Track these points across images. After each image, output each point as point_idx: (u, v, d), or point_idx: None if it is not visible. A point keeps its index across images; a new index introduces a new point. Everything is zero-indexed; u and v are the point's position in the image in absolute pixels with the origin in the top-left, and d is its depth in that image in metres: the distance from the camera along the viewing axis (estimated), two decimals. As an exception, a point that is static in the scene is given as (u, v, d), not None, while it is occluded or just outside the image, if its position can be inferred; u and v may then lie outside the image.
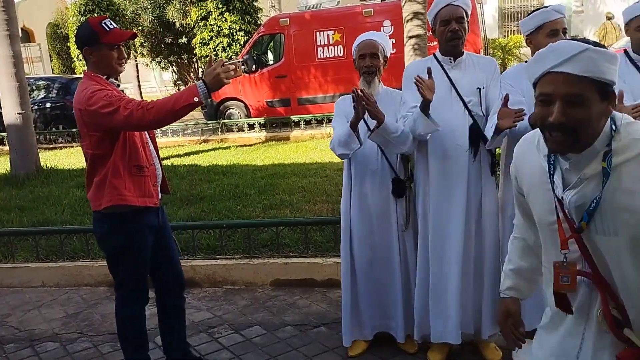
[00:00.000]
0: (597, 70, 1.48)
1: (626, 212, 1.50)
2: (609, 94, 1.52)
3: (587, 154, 1.54)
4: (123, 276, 3.09)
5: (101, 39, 2.83)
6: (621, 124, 1.54)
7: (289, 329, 3.84)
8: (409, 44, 7.04)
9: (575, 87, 1.48)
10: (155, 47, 19.41)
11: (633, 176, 1.49)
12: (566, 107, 1.49)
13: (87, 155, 2.94)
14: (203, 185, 7.45)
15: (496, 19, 20.05)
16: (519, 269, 2.00)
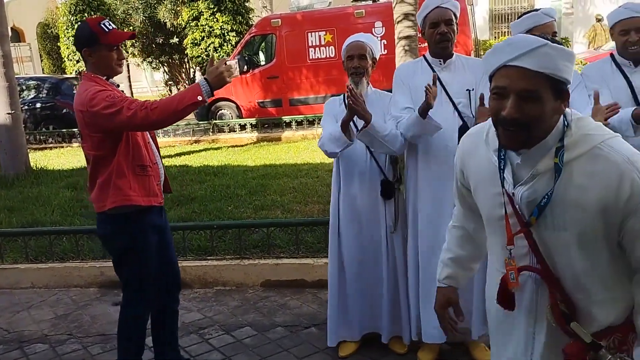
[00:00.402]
0: (553, 67, 1.47)
1: (576, 207, 1.51)
2: (563, 93, 1.51)
3: (539, 149, 1.54)
4: (127, 276, 3.07)
5: (100, 40, 2.82)
6: (572, 119, 1.55)
7: (279, 330, 3.84)
8: (400, 45, 7.05)
9: (530, 83, 1.47)
10: (147, 47, 19.32)
11: (584, 172, 1.49)
12: (520, 103, 1.48)
13: (89, 156, 2.91)
14: (194, 186, 7.44)
15: (487, 21, 20.13)
16: (458, 258, 2.00)
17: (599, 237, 1.52)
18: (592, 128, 1.54)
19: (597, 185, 1.47)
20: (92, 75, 2.88)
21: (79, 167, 9.35)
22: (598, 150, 1.49)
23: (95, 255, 5.00)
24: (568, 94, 1.52)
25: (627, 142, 1.53)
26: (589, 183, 1.48)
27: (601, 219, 1.49)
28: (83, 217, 6.23)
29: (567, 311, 1.60)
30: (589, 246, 1.54)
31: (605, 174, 1.46)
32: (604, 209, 1.47)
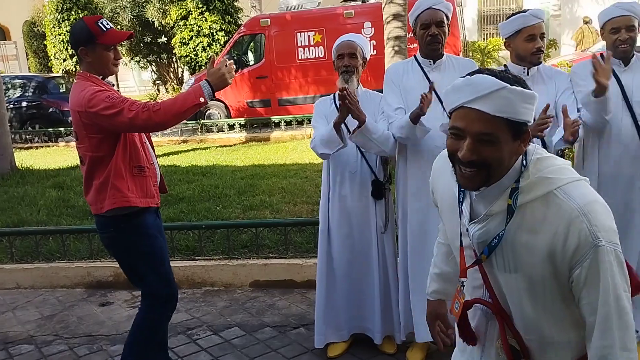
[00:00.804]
0: (511, 111, 1.43)
1: (527, 251, 1.48)
2: (523, 133, 1.47)
3: (495, 188, 1.51)
4: (148, 276, 2.98)
5: (98, 39, 2.78)
6: (531, 159, 1.51)
7: (268, 330, 3.83)
8: (389, 45, 7.07)
9: (487, 126, 1.43)
10: (134, 46, 19.24)
11: (537, 216, 1.47)
12: (477, 145, 1.44)
13: (85, 157, 2.85)
14: (182, 186, 7.40)
15: (475, 22, 20.22)
16: (443, 273, 2.00)
17: (548, 282, 1.49)
18: (552, 171, 1.49)
19: (547, 232, 1.45)
20: (88, 74, 2.84)
21: (65, 167, 9.28)
22: (553, 195, 1.46)
23: (82, 256, 4.96)
24: (528, 135, 1.49)
25: (588, 188, 1.50)
26: (540, 228, 1.46)
27: (550, 264, 1.46)
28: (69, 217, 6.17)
29: (517, 347, 1.60)
30: (540, 289, 1.51)
31: (556, 222, 1.43)
32: (552, 256, 1.45)
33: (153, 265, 2.99)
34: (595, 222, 1.41)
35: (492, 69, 1.51)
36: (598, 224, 1.41)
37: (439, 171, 1.78)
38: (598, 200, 1.47)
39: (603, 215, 1.44)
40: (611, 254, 1.42)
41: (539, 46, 2.96)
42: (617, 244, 1.45)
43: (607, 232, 1.43)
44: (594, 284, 1.43)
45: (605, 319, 1.43)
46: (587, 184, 1.51)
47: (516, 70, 3.06)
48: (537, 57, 2.99)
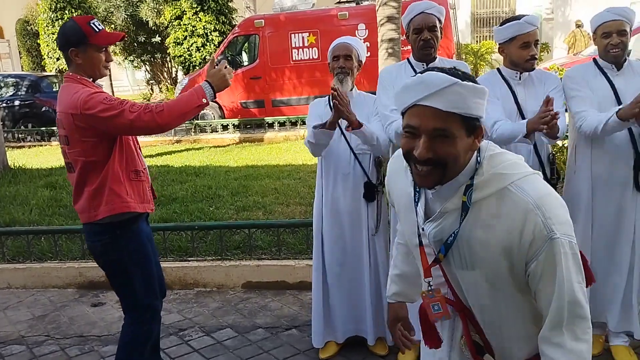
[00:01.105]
0: (464, 106, 1.44)
1: (482, 247, 1.50)
2: (476, 129, 1.49)
3: (450, 186, 1.52)
4: (137, 286, 2.87)
5: (90, 40, 2.70)
6: (485, 156, 1.52)
7: (260, 332, 3.83)
8: (383, 47, 7.07)
9: (441, 122, 1.44)
10: (128, 45, 19.19)
11: (491, 212, 1.48)
12: (432, 142, 1.45)
13: (77, 163, 2.72)
14: (175, 186, 7.39)
15: (469, 25, 20.28)
16: (404, 274, 1.99)
17: (505, 277, 1.51)
18: (505, 166, 1.51)
19: (502, 227, 1.46)
20: (78, 76, 2.74)
21: (58, 166, 9.23)
22: (507, 191, 1.47)
23: (74, 256, 4.95)
24: (481, 130, 1.50)
25: (541, 182, 1.51)
26: (495, 224, 1.47)
27: (506, 259, 1.48)
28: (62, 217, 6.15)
29: (481, 343, 1.61)
30: (497, 285, 1.53)
31: (511, 216, 1.45)
32: (508, 251, 1.47)
33: (143, 274, 2.89)
34: (550, 215, 1.43)
35: (443, 67, 1.51)
36: (552, 217, 1.44)
37: (394, 172, 1.78)
38: (551, 193, 1.49)
39: (557, 208, 1.46)
40: (566, 246, 1.44)
41: (533, 54, 2.99)
42: (572, 236, 1.47)
43: (562, 225, 1.45)
44: (549, 277, 1.45)
45: (560, 311, 1.46)
46: (539, 178, 1.53)
47: (509, 74, 3.09)
48: (530, 64, 3.01)
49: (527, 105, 3.04)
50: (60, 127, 2.74)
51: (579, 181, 3.14)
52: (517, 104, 3.04)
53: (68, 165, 2.79)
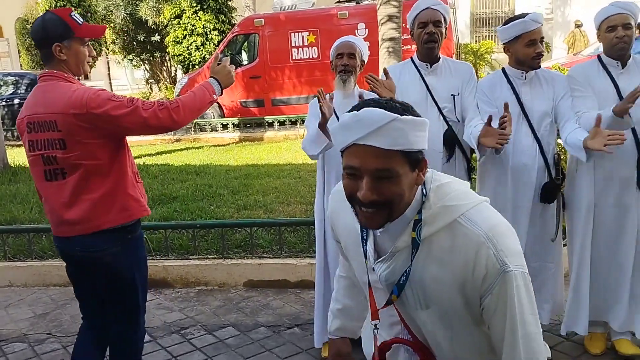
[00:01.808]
0: (405, 142, 1.36)
1: (437, 283, 1.44)
2: (420, 162, 1.42)
3: (398, 223, 1.45)
4: (140, 298, 2.75)
5: (75, 34, 2.50)
6: (430, 187, 1.47)
7: (262, 330, 3.83)
8: (384, 46, 7.10)
9: (383, 162, 1.36)
10: (127, 44, 19.15)
11: (444, 247, 1.42)
12: (375, 183, 1.38)
13: (75, 168, 2.47)
14: (176, 185, 7.39)
15: (468, 25, 20.30)
16: (345, 308, 1.93)
17: (461, 313, 1.47)
18: (452, 197, 1.44)
19: (455, 261, 1.41)
20: (65, 74, 2.52)
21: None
22: (457, 224, 1.42)
23: (75, 254, 4.94)
24: (425, 163, 1.44)
25: (490, 210, 1.46)
26: (449, 259, 1.42)
27: (460, 295, 1.43)
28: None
29: None
30: (454, 321, 1.49)
31: (464, 250, 1.40)
32: (462, 286, 1.42)
33: (144, 280, 2.77)
34: (502, 247, 1.39)
35: (378, 99, 1.43)
36: (504, 249, 1.39)
37: (338, 209, 1.68)
38: (501, 222, 1.44)
39: (508, 237, 1.42)
40: (519, 278, 1.40)
41: (539, 51, 3.00)
42: (524, 266, 1.43)
43: (514, 256, 1.41)
44: (502, 311, 1.41)
45: (513, 346, 1.42)
46: (488, 206, 1.47)
47: (514, 73, 3.09)
48: (537, 61, 3.02)
49: (533, 105, 3.04)
50: (44, 130, 2.46)
51: (581, 181, 3.14)
52: (520, 105, 3.04)
53: (57, 172, 2.49)
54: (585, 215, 3.11)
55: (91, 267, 2.63)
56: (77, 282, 2.79)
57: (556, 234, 3.15)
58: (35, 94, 2.54)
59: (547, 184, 3.08)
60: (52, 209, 2.57)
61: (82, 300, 2.86)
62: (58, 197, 2.51)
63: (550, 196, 3.09)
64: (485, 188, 3.21)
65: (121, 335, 2.80)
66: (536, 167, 3.07)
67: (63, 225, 2.55)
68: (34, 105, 2.51)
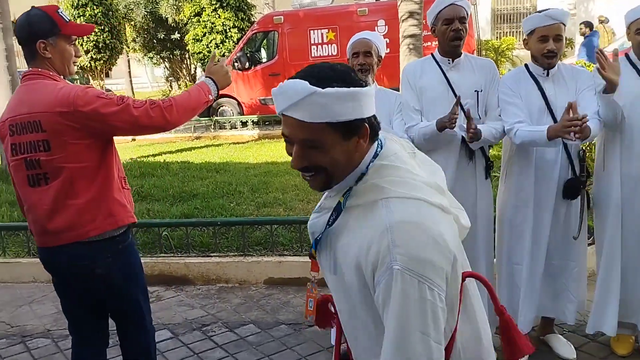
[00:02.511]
0: (328, 114, 1.34)
1: (343, 254, 1.43)
2: (357, 129, 1.38)
3: (339, 186, 1.46)
4: (142, 304, 2.65)
5: (62, 31, 2.38)
6: (374, 164, 1.43)
7: (283, 328, 3.83)
8: (405, 43, 7.05)
9: (308, 133, 1.36)
10: (148, 42, 19.30)
11: (358, 222, 1.40)
12: (304, 151, 1.39)
13: (59, 171, 2.32)
14: (196, 183, 7.42)
15: (489, 21, 20.11)
16: None
17: (359, 292, 1.41)
18: (389, 181, 1.40)
19: (361, 239, 1.37)
20: (50, 72, 2.40)
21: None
22: (376, 205, 1.38)
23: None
24: (365, 129, 1.39)
25: (419, 209, 1.36)
26: (358, 234, 1.39)
27: (357, 274, 1.39)
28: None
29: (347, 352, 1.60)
30: (351, 296, 1.45)
31: (370, 232, 1.35)
32: (358, 265, 1.37)
33: (144, 288, 2.67)
34: (400, 243, 1.30)
35: (323, 64, 1.42)
36: (402, 246, 1.30)
37: None
38: (421, 225, 1.33)
39: (415, 241, 1.31)
40: (409, 285, 1.28)
41: (550, 48, 2.90)
42: (428, 279, 1.29)
43: (412, 260, 1.29)
44: (386, 312, 1.32)
45: (385, 353, 1.33)
46: (422, 205, 1.38)
47: (536, 70, 3.04)
48: (546, 59, 2.94)
49: (557, 101, 2.98)
50: (27, 132, 2.32)
51: (609, 179, 3.08)
52: (545, 100, 2.99)
53: (39, 177, 2.34)
54: (614, 214, 3.05)
55: (82, 280, 2.49)
56: (66, 296, 2.65)
57: (579, 232, 3.09)
58: (19, 94, 2.42)
59: (570, 180, 3.02)
60: (35, 218, 2.42)
61: (73, 316, 2.70)
62: (41, 204, 2.37)
63: (573, 193, 3.03)
64: (509, 182, 3.17)
65: (133, 343, 2.72)
66: (559, 163, 3.02)
67: (47, 235, 2.41)
68: (17, 106, 2.37)
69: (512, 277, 3.21)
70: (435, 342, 1.31)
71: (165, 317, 4.08)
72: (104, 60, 16.82)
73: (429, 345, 1.30)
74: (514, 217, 3.16)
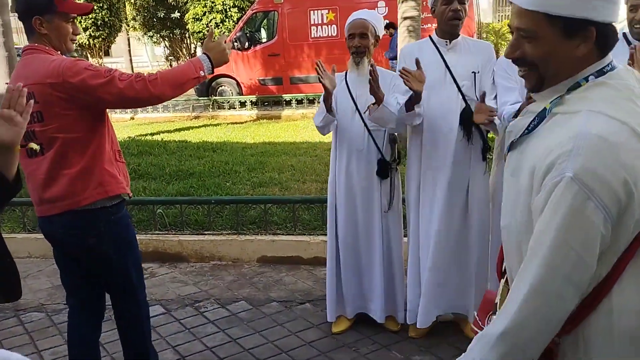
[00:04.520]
0: (549, 4, 1.27)
1: (527, 156, 1.34)
2: (582, 31, 1.28)
3: (548, 92, 1.38)
4: (135, 279, 2.68)
5: (58, 8, 2.41)
6: (594, 80, 1.32)
7: (274, 305, 3.88)
8: (403, 25, 7.02)
9: (523, 21, 1.32)
10: (148, 21, 19.22)
11: (553, 126, 1.32)
12: (519, 41, 1.35)
13: (53, 141, 2.38)
14: (193, 161, 7.44)
15: (490, 4, 19.99)
16: None
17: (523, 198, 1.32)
18: (603, 98, 1.28)
19: (544, 143, 1.29)
20: (47, 47, 2.44)
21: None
22: (578, 114, 1.27)
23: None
24: (590, 33, 1.28)
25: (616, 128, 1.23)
26: (544, 139, 1.30)
27: (527, 178, 1.30)
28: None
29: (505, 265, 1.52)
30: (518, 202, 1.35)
31: (556, 137, 1.27)
32: (531, 169, 1.29)
33: (137, 261, 2.71)
34: (583, 153, 1.20)
35: None
36: (584, 156, 1.19)
37: None
38: (615, 147, 1.20)
39: (600, 157, 1.20)
40: (574, 194, 1.19)
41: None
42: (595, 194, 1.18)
43: (587, 172, 1.19)
44: (542, 216, 1.24)
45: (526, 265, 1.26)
46: (625, 131, 1.23)
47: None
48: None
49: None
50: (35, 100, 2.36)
51: None
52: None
53: (34, 150, 2.37)
54: None
55: (75, 249, 2.58)
56: (64, 267, 2.72)
57: None
58: (18, 68, 2.50)
59: None
60: (33, 187, 2.50)
61: (69, 286, 2.77)
62: (38, 174, 2.45)
63: None
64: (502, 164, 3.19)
65: (125, 314, 2.77)
66: None
67: (43, 204, 2.49)
68: (15, 80, 2.40)
69: None
70: (589, 265, 1.21)
71: (158, 293, 4.12)
72: (102, 38, 16.79)
73: (581, 265, 1.20)
74: None
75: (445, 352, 3.20)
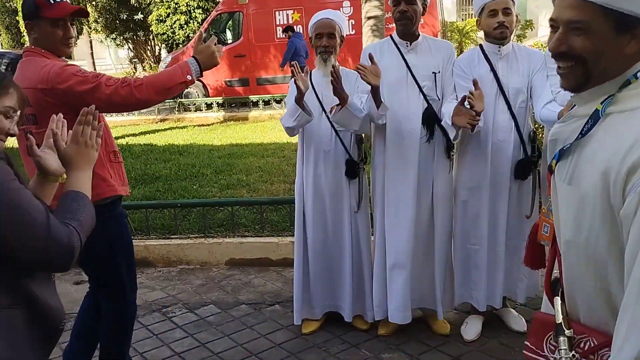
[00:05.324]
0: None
1: (587, 161, 1.29)
2: (635, 27, 1.24)
3: (593, 91, 1.32)
4: (124, 275, 2.74)
5: (42, 13, 2.43)
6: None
7: (243, 308, 3.86)
8: (367, 24, 7.06)
9: (576, 12, 1.26)
10: (110, 23, 18.92)
11: (611, 127, 1.26)
12: (567, 35, 1.29)
13: None
14: (159, 165, 7.36)
15: (454, 3, 20.23)
16: None
17: (591, 201, 1.25)
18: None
19: (611, 145, 1.22)
20: (42, 50, 2.51)
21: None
22: None
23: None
24: None
25: None
26: (606, 141, 1.25)
27: (600, 181, 1.23)
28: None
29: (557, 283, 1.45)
30: (582, 209, 1.28)
31: (627, 136, 1.20)
32: (604, 172, 1.21)
33: (130, 261, 2.77)
34: None
35: None
36: None
37: None
38: None
39: None
40: None
41: (501, 21, 2.98)
42: None
43: None
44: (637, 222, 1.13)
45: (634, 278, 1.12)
46: None
47: (491, 49, 3.09)
48: (499, 32, 3.01)
49: (508, 81, 3.05)
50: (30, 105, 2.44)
51: None
52: (497, 81, 3.05)
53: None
54: None
55: None
56: None
57: (531, 211, 3.17)
58: (17, 69, 2.57)
59: (521, 161, 3.10)
60: None
61: None
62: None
63: (524, 173, 3.12)
64: (463, 165, 3.23)
65: (110, 312, 2.82)
66: (512, 144, 3.09)
67: None
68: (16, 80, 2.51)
69: (469, 259, 3.28)
70: None
71: (125, 299, 4.06)
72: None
73: None
74: (468, 199, 3.22)
75: (414, 349, 3.23)
